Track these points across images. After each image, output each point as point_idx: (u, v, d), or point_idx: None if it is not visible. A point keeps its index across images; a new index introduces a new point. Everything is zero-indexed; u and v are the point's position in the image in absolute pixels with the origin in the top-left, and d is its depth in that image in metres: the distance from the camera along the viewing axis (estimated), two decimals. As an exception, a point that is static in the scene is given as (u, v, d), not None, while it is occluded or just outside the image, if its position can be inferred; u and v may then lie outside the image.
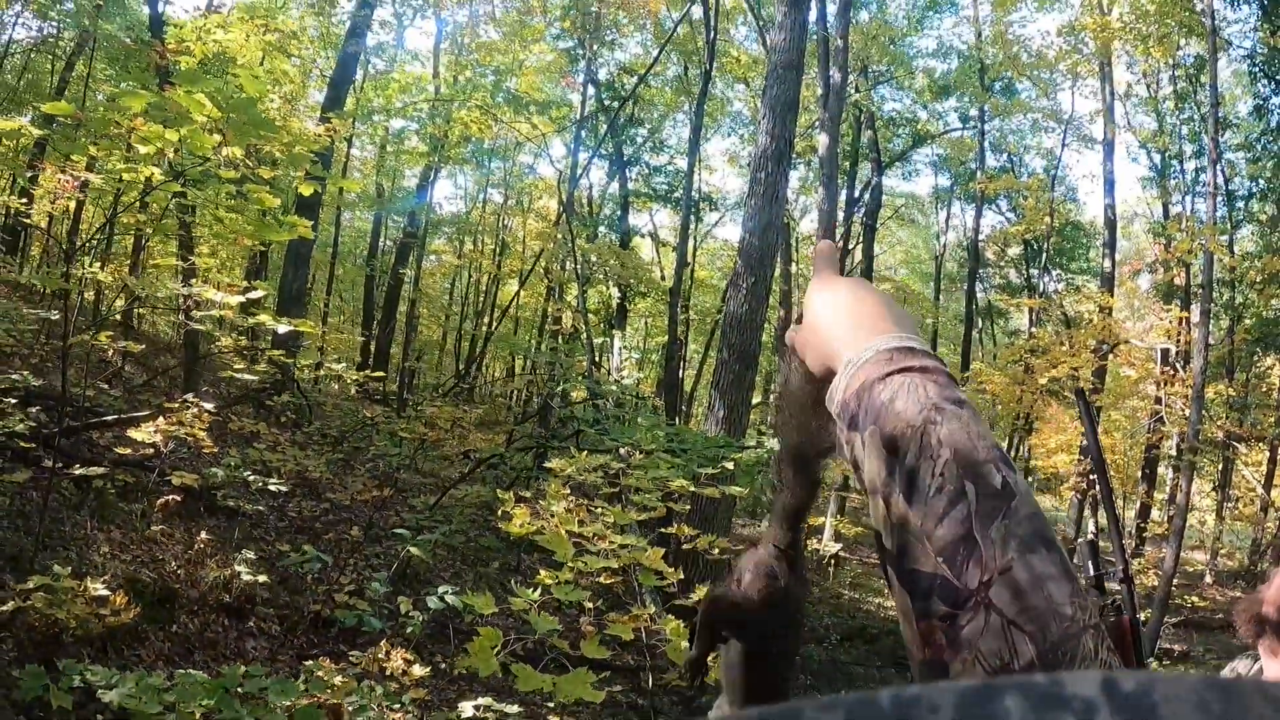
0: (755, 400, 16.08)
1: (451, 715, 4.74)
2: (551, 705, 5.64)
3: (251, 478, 7.71)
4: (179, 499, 7.02)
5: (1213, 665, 11.85)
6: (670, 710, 7.14)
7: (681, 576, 4.36)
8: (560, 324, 23.11)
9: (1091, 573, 1.73)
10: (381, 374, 14.74)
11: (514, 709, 4.80)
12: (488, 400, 24.88)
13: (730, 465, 5.92)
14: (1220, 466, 20.74)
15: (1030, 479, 23.09)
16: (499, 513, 4.49)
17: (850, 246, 23.87)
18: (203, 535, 6.76)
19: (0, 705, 3.74)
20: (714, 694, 1.15)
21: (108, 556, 5.96)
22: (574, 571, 3.91)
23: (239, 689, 3.17)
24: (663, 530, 5.58)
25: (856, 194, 23.45)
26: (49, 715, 3.63)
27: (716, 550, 5.10)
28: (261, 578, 6.38)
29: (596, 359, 17.67)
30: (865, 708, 0.27)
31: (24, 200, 7.15)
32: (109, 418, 7.95)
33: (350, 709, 4.05)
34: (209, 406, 7.15)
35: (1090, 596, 0.59)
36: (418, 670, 5.13)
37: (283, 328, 6.16)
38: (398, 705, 4.43)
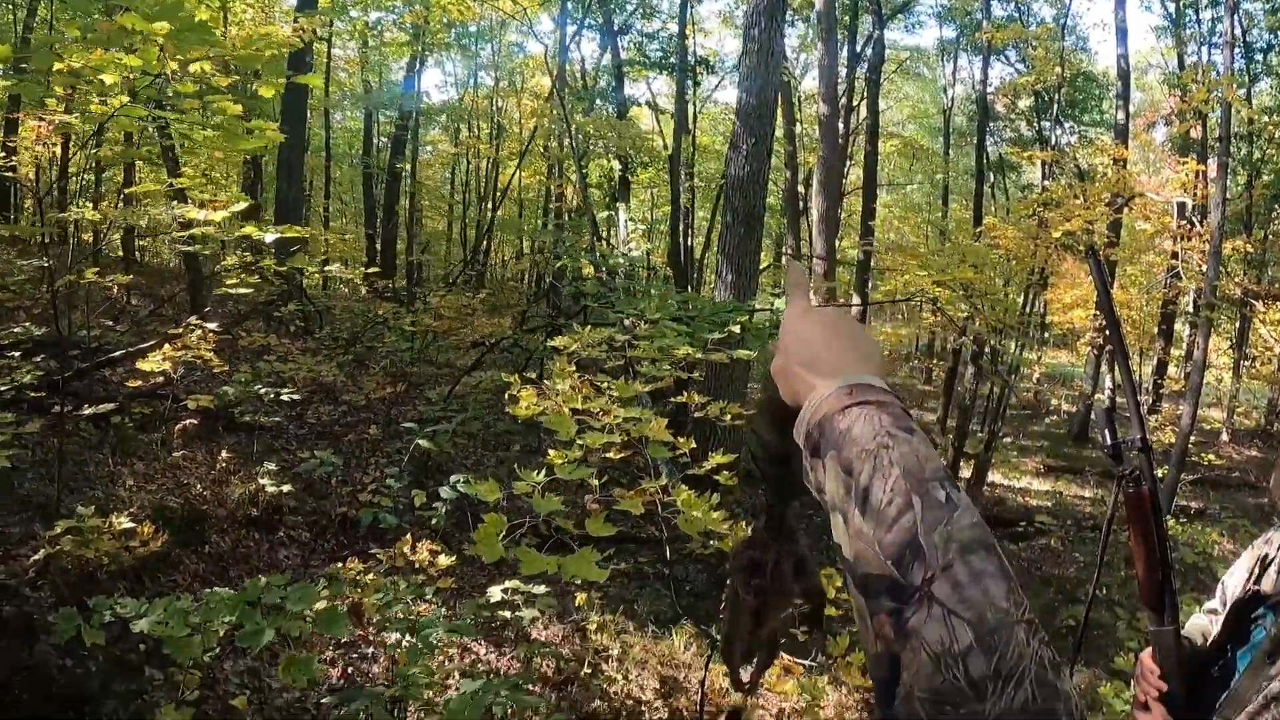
0: (764, 264, 15.90)
1: (480, 600, 4.83)
2: (579, 583, 5.76)
3: (264, 391, 7.76)
4: (196, 422, 7.11)
5: (1228, 524, 11.95)
6: (695, 578, 7.28)
7: (694, 445, 4.32)
8: (564, 201, 22.82)
9: (1109, 441, 1.72)
10: (378, 269, 14.67)
11: (541, 589, 4.89)
12: (499, 284, 24.80)
13: (737, 329, 5.85)
14: (1237, 324, 20.51)
15: (1046, 335, 22.93)
16: (506, 396, 4.48)
17: (854, 103, 23.07)
18: (224, 454, 6.86)
19: (43, 650, 3.84)
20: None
21: (133, 490, 6.07)
22: (582, 449, 3.89)
23: (261, 600, 3.22)
24: (674, 400, 5.56)
25: (858, 49, 22.35)
26: (90, 653, 3.73)
27: (729, 417, 5.06)
28: (286, 488, 6.50)
29: (602, 233, 17.46)
30: None
31: (3, 155, 7.07)
32: (116, 353, 7.99)
33: (377, 604, 4.12)
34: (212, 326, 7.15)
35: (1025, 596, 0.65)
36: (444, 560, 5.21)
37: (269, 236, 6.09)
38: (425, 598, 4.51)
